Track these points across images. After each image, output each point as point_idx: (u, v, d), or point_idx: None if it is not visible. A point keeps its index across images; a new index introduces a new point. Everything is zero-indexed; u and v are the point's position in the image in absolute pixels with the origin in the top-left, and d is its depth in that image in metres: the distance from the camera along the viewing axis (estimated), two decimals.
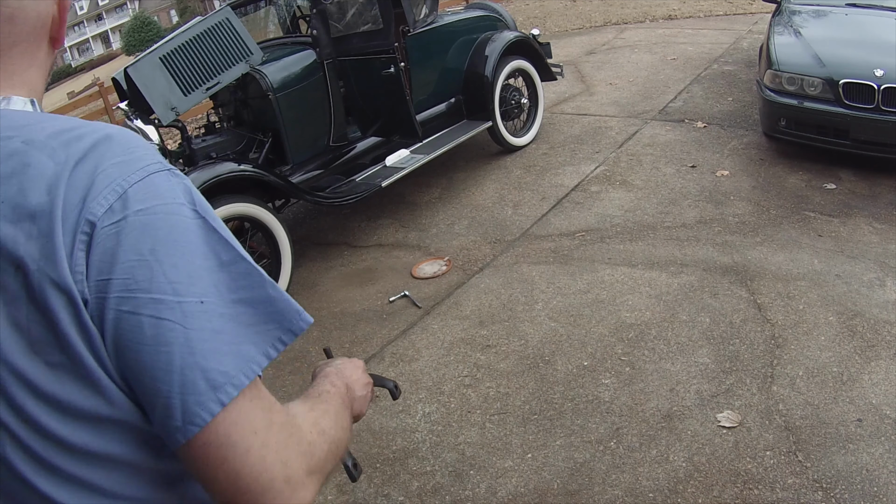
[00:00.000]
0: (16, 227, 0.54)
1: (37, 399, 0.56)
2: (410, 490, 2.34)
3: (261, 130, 3.94)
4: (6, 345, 0.55)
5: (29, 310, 0.55)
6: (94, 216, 0.55)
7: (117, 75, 3.62)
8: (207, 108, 5.50)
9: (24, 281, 0.54)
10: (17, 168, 0.56)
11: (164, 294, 0.56)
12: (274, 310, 0.63)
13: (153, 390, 0.57)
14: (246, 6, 4.57)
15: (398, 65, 3.84)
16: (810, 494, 2.02)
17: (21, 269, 0.54)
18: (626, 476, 2.21)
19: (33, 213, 0.55)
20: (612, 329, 2.93)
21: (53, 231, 0.54)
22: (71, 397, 0.57)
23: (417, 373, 2.92)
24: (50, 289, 0.54)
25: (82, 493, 0.60)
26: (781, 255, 3.25)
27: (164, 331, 0.56)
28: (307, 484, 0.64)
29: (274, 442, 0.62)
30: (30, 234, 0.55)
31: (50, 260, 0.54)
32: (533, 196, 4.34)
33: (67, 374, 0.56)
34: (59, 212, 0.55)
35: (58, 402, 0.57)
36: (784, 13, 4.82)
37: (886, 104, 3.65)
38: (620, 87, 6.17)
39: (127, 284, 0.55)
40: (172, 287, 0.57)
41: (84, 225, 0.55)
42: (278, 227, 3.56)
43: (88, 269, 0.55)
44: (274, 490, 0.60)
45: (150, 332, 0.56)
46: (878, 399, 2.32)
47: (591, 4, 11.11)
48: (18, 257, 0.54)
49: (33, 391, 0.56)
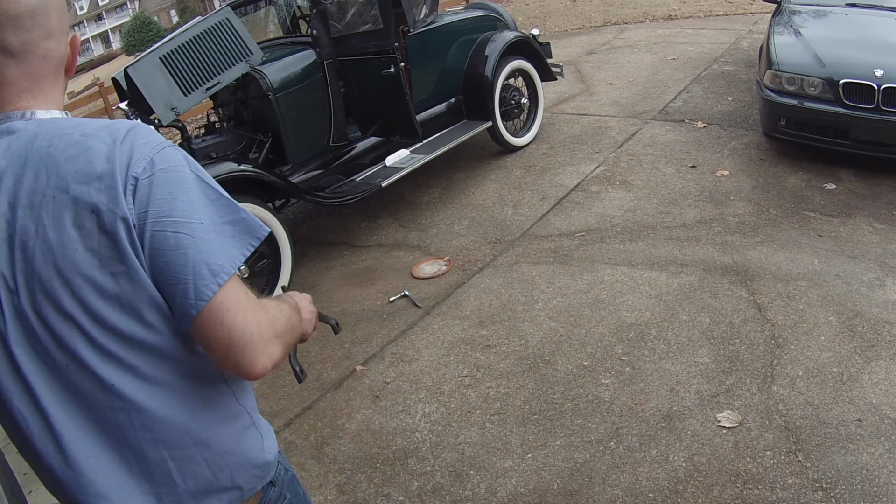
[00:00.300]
0: (88, 186, 0.84)
1: (103, 299, 0.86)
2: (410, 490, 2.34)
3: (261, 130, 3.94)
4: (84, 265, 0.84)
5: (100, 238, 0.84)
6: (136, 174, 0.86)
7: (117, 75, 3.62)
8: (207, 108, 5.50)
9: (98, 220, 0.84)
10: (81, 151, 0.86)
11: (180, 218, 0.86)
12: (245, 226, 0.92)
13: (174, 279, 0.85)
14: (246, 6, 4.57)
15: (398, 65, 3.84)
16: (810, 494, 2.02)
17: (95, 211, 0.84)
18: (626, 476, 2.21)
19: (100, 175, 0.85)
20: (612, 329, 2.93)
21: (116, 185, 0.84)
22: (126, 294, 0.86)
23: (417, 373, 2.92)
24: (118, 221, 0.84)
25: (126, 374, 0.89)
26: (781, 255, 3.25)
27: (181, 240, 0.85)
28: (273, 343, 0.93)
29: (251, 311, 0.90)
30: (99, 189, 0.84)
31: (116, 203, 0.84)
32: (533, 196, 4.34)
33: (124, 278, 0.85)
34: (118, 172, 0.85)
35: (117, 299, 0.86)
36: (784, 13, 4.82)
37: (886, 104, 3.65)
38: (620, 87, 6.17)
39: (157, 214, 0.85)
40: (184, 214, 0.86)
41: (130, 179, 0.85)
42: (278, 227, 3.56)
43: (135, 206, 0.85)
44: (252, 343, 0.89)
45: (173, 241, 0.85)
46: (878, 399, 2.32)
47: (591, 4, 11.11)
48: (94, 204, 0.84)
49: (101, 294, 0.85)
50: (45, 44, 0.92)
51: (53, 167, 0.85)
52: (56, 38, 0.93)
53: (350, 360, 3.12)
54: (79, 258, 0.85)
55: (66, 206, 0.84)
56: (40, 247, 0.85)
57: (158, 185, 0.86)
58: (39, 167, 0.86)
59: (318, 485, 2.46)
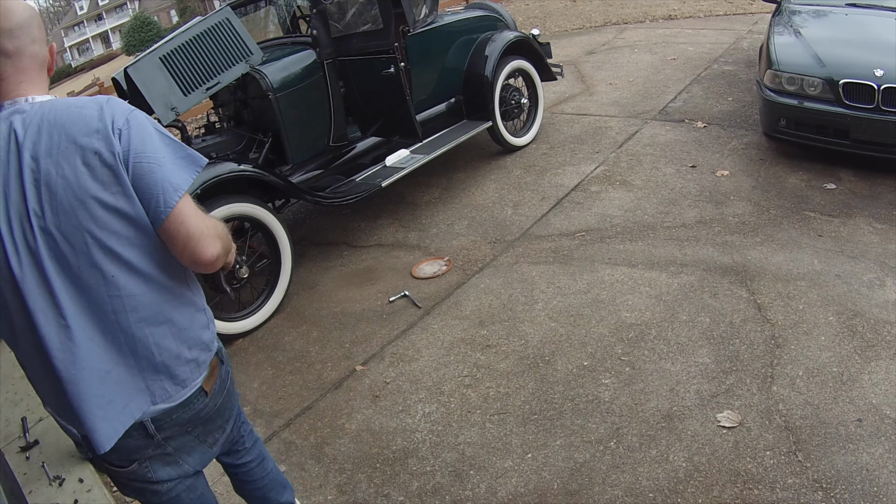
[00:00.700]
0: (90, 137, 1.23)
1: (107, 211, 1.24)
2: (410, 490, 2.34)
3: (261, 130, 3.94)
4: (93, 189, 1.22)
5: (103, 171, 1.23)
6: (120, 127, 1.25)
7: (117, 75, 3.62)
8: (207, 108, 5.50)
9: (100, 158, 1.22)
10: (80, 116, 1.24)
11: (150, 154, 1.26)
12: (192, 159, 1.33)
13: (150, 194, 1.25)
14: (246, 6, 4.57)
15: (398, 65, 3.84)
16: (810, 494, 2.02)
17: (97, 153, 1.22)
18: (626, 476, 2.21)
19: (97, 129, 1.23)
20: (612, 329, 2.93)
21: (109, 135, 1.23)
22: (122, 206, 1.24)
23: (417, 373, 2.92)
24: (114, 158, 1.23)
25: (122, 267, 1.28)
26: (781, 255, 3.25)
27: (152, 168, 1.25)
28: (216, 240, 1.33)
29: (200, 216, 1.31)
30: (98, 138, 1.23)
31: (111, 147, 1.23)
32: (533, 196, 4.34)
33: (121, 196, 1.24)
34: (108, 127, 1.24)
35: (117, 210, 1.24)
36: (784, 13, 4.82)
37: (886, 104, 3.65)
38: (620, 87, 6.17)
39: (136, 152, 1.25)
40: (153, 151, 1.26)
41: (116, 131, 1.24)
42: (278, 227, 3.56)
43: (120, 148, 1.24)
44: (203, 238, 1.29)
45: (147, 169, 1.25)
46: (878, 399, 2.32)
47: (591, 4, 11.11)
48: (96, 148, 1.22)
49: (106, 208, 1.23)
50: (32, 48, 1.29)
51: (62, 128, 1.23)
52: (38, 43, 1.30)
53: (350, 360, 3.12)
54: (89, 185, 1.22)
55: (76, 153, 1.22)
56: (61, 182, 1.22)
57: (134, 134, 1.26)
58: (52, 130, 1.23)
59: (318, 485, 2.46)
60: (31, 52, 1.28)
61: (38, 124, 1.23)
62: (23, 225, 1.22)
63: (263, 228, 3.53)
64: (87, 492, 2.68)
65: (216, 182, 3.25)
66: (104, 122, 1.24)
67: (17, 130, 1.23)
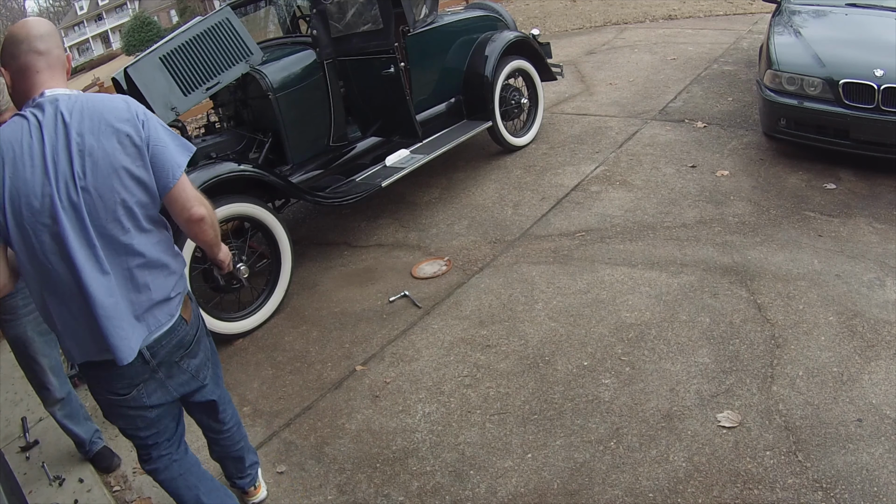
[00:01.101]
0: (123, 123, 1.65)
1: (132, 179, 1.65)
2: (410, 490, 2.34)
3: (261, 130, 3.93)
4: (125, 162, 1.63)
5: (132, 149, 1.64)
6: (142, 119, 1.69)
7: (117, 75, 3.61)
8: (207, 108, 5.49)
9: (130, 140, 1.64)
10: (112, 106, 1.67)
11: (161, 139, 1.70)
12: (187, 146, 1.76)
13: (162, 168, 1.69)
14: (246, 6, 4.57)
15: (398, 65, 3.84)
16: (810, 494, 2.02)
17: (129, 136, 1.64)
18: (626, 476, 2.21)
19: (127, 118, 1.66)
20: (612, 329, 2.93)
21: (136, 123, 1.67)
22: (143, 176, 1.67)
23: (417, 373, 2.92)
24: (140, 140, 1.66)
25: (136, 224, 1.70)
26: (781, 255, 3.25)
27: (164, 149, 1.69)
28: (204, 206, 1.78)
29: (194, 188, 1.78)
30: (129, 125, 1.65)
31: (139, 132, 1.66)
32: (533, 196, 4.34)
33: (143, 169, 1.67)
34: (135, 117, 1.67)
35: (138, 179, 1.66)
36: (784, 13, 4.82)
37: (886, 104, 3.65)
38: (620, 87, 6.17)
39: (153, 138, 1.68)
40: (163, 138, 1.71)
41: (140, 121, 1.68)
42: (278, 227, 3.56)
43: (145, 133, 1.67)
44: (197, 201, 1.77)
45: (161, 150, 1.69)
46: (878, 399, 2.32)
47: (591, 4, 11.11)
48: (127, 132, 1.64)
49: (132, 176, 1.65)
50: (57, 50, 1.69)
51: (100, 114, 1.63)
52: (59, 48, 1.71)
53: (350, 360, 3.12)
54: (122, 158, 1.63)
55: (112, 133, 1.63)
56: (101, 154, 1.61)
57: (151, 124, 1.69)
58: (92, 114, 1.62)
59: (318, 485, 2.46)
60: (56, 53, 1.69)
61: (80, 110, 1.62)
62: (67, 184, 1.59)
63: (263, 228, 3.53)
64: (87, 492, 2.68)
65: (216, 182, 3.25)
66: (132, 113, 1.67)
67: (63, 113, 1.60)
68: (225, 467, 2.36)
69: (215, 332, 3.38)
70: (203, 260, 3.38)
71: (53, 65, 1.67)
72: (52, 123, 1.59)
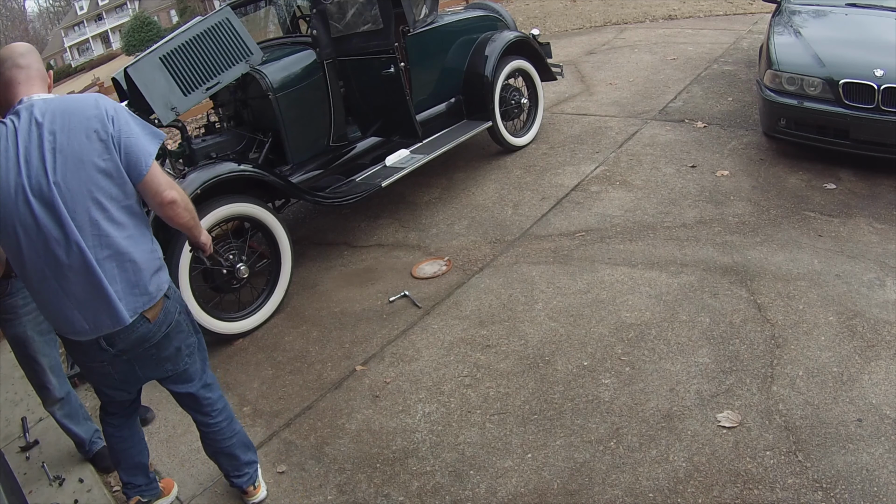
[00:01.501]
0: (91, 120, 1.79)
1: (99, 172, 1.79)
2: (410, 490, 2.34)
3: (261, 130, 3.93)
4: (93, 156, 1.78)
5: (99, 144, 1.78)
6: (111, 114, 1.82)
7: (117, 75, 3.62)
8: (207, 108, 5.50)
9: (98, 137, 1.78)
10: (81, 106, 1.81)
11: (132, 131, 1.84)
12: (157, 135, 1.90)
13: (134, 158, 1.83)
14: (246, 6, 4.56)
15: (398, 65, 3.84)
16: (810, 494, 2.02)
17: (96, 131, 1.78)
18: (626, 476, 2.21)
19: (96, 115, 1.80)
20: (612, 329, 2.93)
21: (104, 119, 1.80)
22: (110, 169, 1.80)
23: (417, 373, 2.92)
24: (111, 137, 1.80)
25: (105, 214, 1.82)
26: (781, 255, 3.25)
27: (135, 140, 1.83)
28: (175, 189, 1.91)
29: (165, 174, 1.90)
30: (97, 121, 1.79)
31: (105, 128, 1.80)
32: (533, 196, 4.34)
33: (111, 162, 1.80)
34: (104, 113, 1.81)
35: (105, 172, 1.80)
36: (784, 13, 4.82)
37: (886, 104, 3.65)
38: (620, 87, 6.17)
39: (123, 130, 1.82)
40: (133, 130, 1.84)
41: (109, 117, 1.81)
42: (278, 227, 3.56)
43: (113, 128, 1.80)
44: (168, 186, 1.89)
45: (132, 142, 1.83)
46: (878, 399, 2.32)
47: (591, 4, 11.11)
48: (95, 128, 1.79)
49: (98, 170, 1.79)
50: (35, 65, 1.89)
51: (69, 114, 1.77)
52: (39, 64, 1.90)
53: (350, 360, 3.12)
54: (90, 152, 1.76)
55: (81, 130, 1.76)
56: (70, 150, 1.75)
57: (119, 118, 1.81)
58: (63, 113, 1.77)
59: (318, 485, 2.46)
60: (36, 67, 1.88)
61: (52, 111, 1.78)
62: (39, 180, 1.74)
63: (263, 228, 3.53)
64: (87, 492, 2.68)
65: (216, 182, 3.25)
66: (100, 110, 1.80)
67: (37, 115, 1.77)
68: (219, 464, 2.37)
69: (215, 332, 3.38)
70: (203, 260, 3.38)
71: (32, 77, 1.86)
72: (27, 126, 1.76)
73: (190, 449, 2.76)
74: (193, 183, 3.19)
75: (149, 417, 3.03)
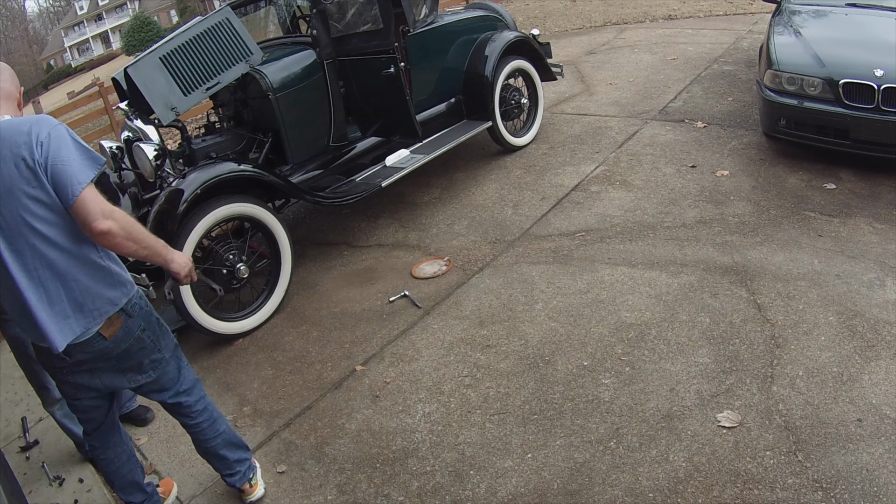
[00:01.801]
0: (20, 147, 1.72)
1: (30, 199, 1.74)
2: (410, 490, 2.34)
3: (261, 130, 3.94)
4: (22, 184, 1.73)
5: (28, 173, 1.72)
6: (42, 140, 1.74)
7: (117, 75, 3.62)
8: (207, 108, 5.50)
9: (26, 164, 1.72)
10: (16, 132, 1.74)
11: (63, 157, 1.75)
12: (95, 160, 1.81)
13: (63, 186, 1.74)
14: (246, 6, 4.57)
15: (398, 65, 3.84)
16: (810, 494, 2.02)
17: (24, 160, 1.72)
18: (626, 476, 2.21)
19: (25, 142, 1.73)
20: (612, 329, 2.93)
21: (32, 147, 1.73)
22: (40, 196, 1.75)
23: (417, 373, 2.92)
24: (37, 164, 1.73)
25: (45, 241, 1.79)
26: (781, 255, 3.25)
27: (65, 167, 1.75)
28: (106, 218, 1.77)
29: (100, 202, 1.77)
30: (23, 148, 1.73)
31: (33, 155, 1.73)
32: (533, 196, 4.34)
33: (40, 189, 1.74)
34: (32, 140, 1.74)
35: (36, 199, 1.75)
36: (784, 13, 4.82)
37: (886, 104, 3.65)
38: (620, 87, 6.17)
39: (53, 156, 1.74)
40: (65, 155, 1.75)
41: (39, 143, 1.74)
42: (278, 227, 3.56)
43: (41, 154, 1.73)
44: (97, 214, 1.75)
45: (61, 168, 1.74)
46: (878, 399, 2.32)
47: (591, 4, 11.12)
48: (23, 156, 1.72)
49: (29, 197, 1.74)
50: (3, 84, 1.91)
51: (6, 140, 1.74)
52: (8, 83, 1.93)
53: (350, 360, 3.12)
54: (20, 181, 1.73)
55: (10, 158, 1.73)
56: (3, 178, 1.72)
57: (53, 143, 1.75)
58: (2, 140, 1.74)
59: (318, 485, 2.46)
60: (4, 87, 1.91)
61: None
62: None
63: (263, 228, 3.53)
64: (87, 492, 2.68)
65: (216, 182, 3.25)
66: (30, 137, 1.75)
67: None
68: (211, 463, 2.39)
69: (215, 332, 3.39)
70: (202, 260, 3.39)
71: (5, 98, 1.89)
72: None
73: (190, 449, 2.76)
74: (193, 183, 3.19)
75: (149, 417, 3.04)
